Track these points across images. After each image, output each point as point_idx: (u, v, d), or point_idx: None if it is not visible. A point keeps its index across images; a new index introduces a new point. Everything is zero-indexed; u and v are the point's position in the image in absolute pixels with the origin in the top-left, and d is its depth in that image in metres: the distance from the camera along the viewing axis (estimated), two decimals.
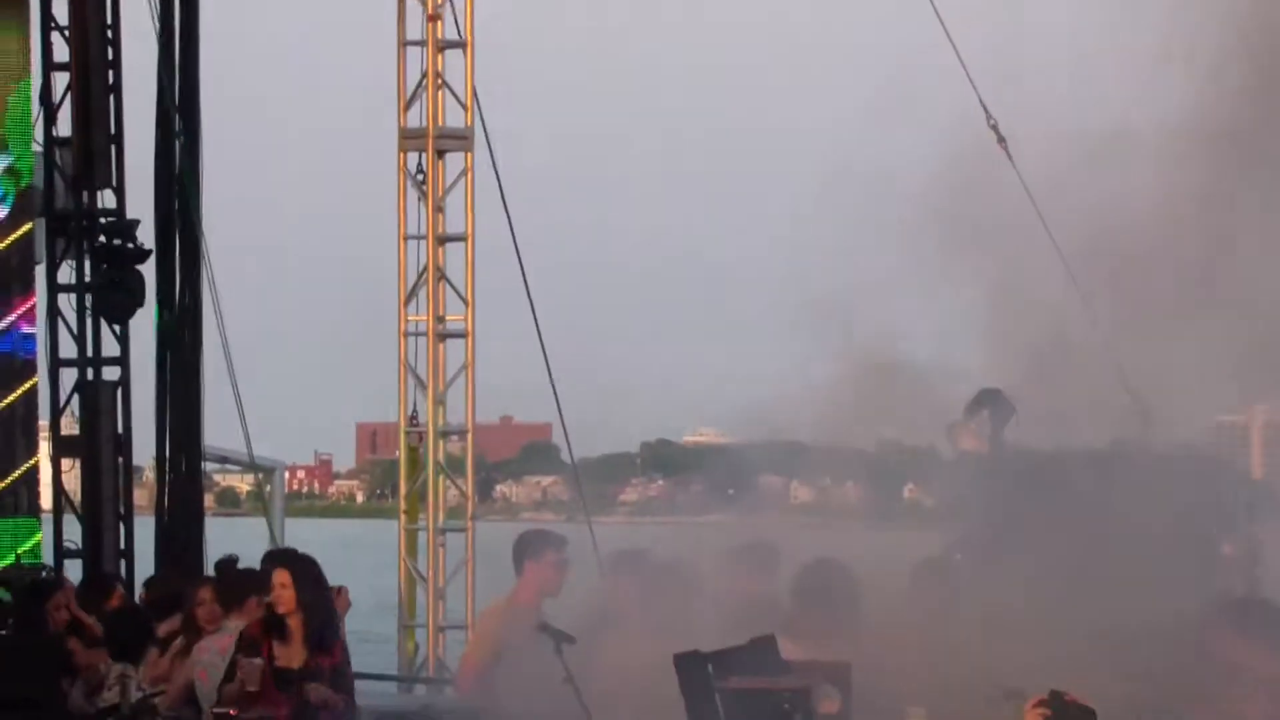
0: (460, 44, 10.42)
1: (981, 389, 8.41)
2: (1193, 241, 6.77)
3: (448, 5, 10.26)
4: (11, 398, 9.86)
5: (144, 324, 9.66)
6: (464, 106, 10.37)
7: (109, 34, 10.17)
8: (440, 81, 10.28)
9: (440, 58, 10.29)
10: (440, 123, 10.25)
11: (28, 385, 9.86)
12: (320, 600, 7.59)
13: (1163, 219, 6.82)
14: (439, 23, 10.04)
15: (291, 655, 7.27)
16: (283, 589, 7.35)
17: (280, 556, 8.18)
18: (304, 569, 7.60)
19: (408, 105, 10.46)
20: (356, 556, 8.96)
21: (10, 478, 9.85)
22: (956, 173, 7.59)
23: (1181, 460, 7.51)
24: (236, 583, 8.18)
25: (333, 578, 7.99)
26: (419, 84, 10.23)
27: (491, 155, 10.07)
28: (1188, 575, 6.24)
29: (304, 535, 9.41)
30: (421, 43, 10.31)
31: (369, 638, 9.62)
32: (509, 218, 10.07)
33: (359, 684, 8.70)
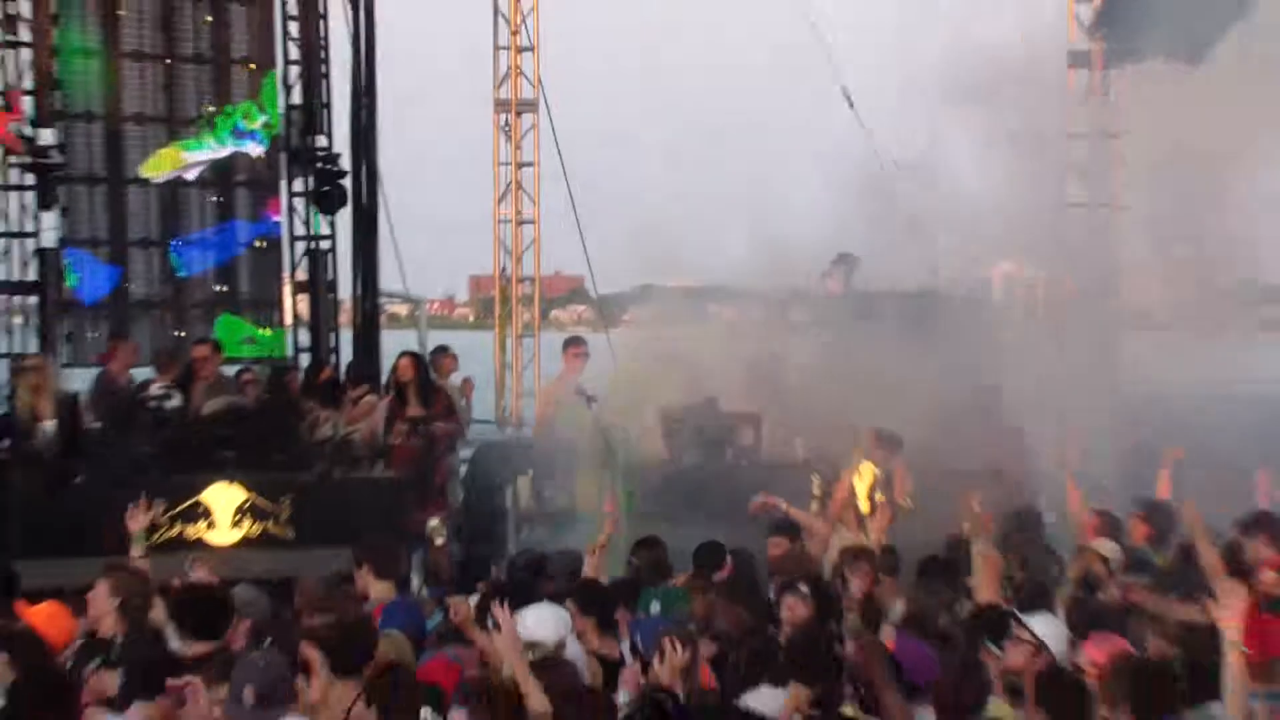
0: (530, 48, 16.07)
1: (839, 252, 12.96)
2: None
3: (523, 23, 16.28)
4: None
5: (344, 215, 13.76)
6: (533, 86, 16.13)
7: (322, 35, 13.87)
8: (518, 71, 16.03)
9: (518, 56, 16.16)
10: (518, 95, 16.24)
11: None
12: (425, 374, 11.62)
13: None
14: (517, 36, 16.16)
15: (414, 408, 11.30)
16: (405, 369, 11.44)
17: (406, 352, 12.06)
18: (418, 360, 11.86)
19: (499, 85, 16.28)
20: (468, 359, 13.66)
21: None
22: None
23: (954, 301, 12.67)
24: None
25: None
26: (505, 74, 16.44)
27: (550, 117, 16.41)
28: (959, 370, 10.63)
29: (437, 340, 14.94)
30: (506, 47, 16.21)
31: (479, 400, 14.93)
32: (559, 153, 16.22)
33: (474, 426, 13.96)
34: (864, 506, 9.58)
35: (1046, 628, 5.74)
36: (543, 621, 5.89)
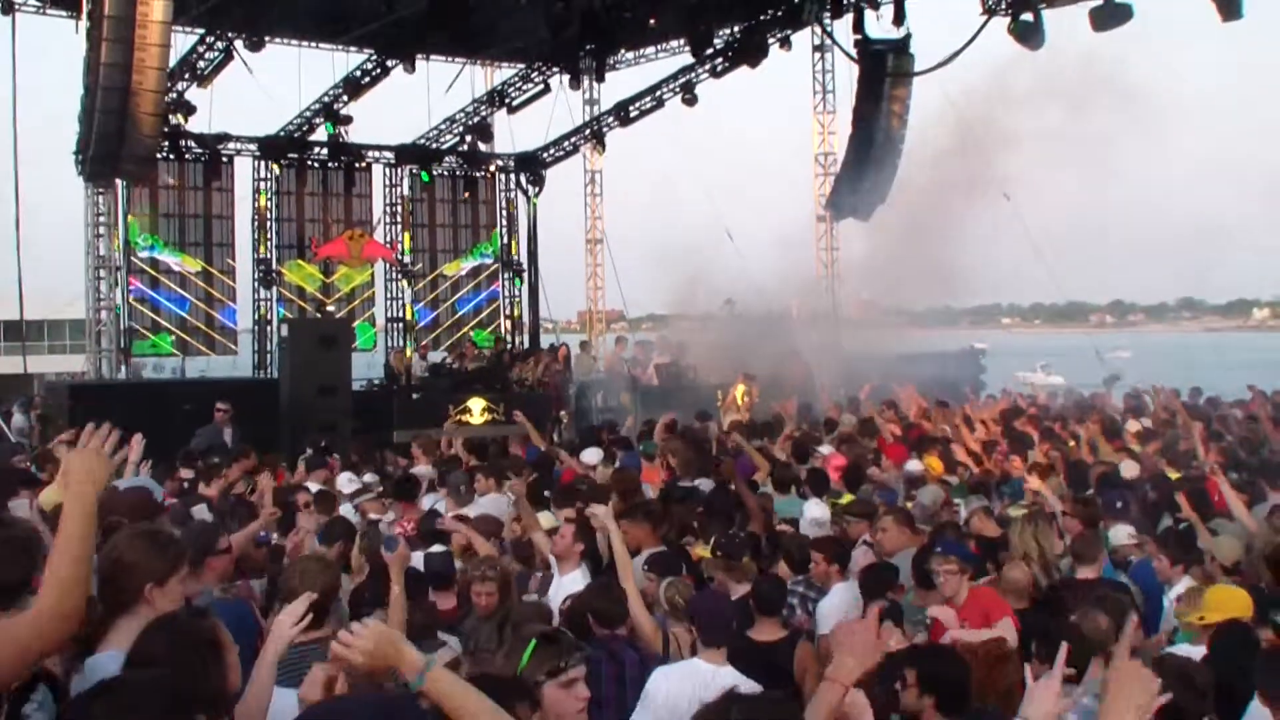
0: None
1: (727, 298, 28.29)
2: None
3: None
4: None
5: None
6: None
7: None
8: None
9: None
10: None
11: None
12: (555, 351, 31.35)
13: None
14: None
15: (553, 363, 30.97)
16: (542, 355, 31.19)
17: (553, 346, 32.26)
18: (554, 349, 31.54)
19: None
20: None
21: None
22: None
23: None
24: None
25: None
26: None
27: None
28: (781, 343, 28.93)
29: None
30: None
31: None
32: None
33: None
34: (740, 403, 22.20)
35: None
36: (591, 454, 13.86)
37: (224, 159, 27.81)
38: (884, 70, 26.08)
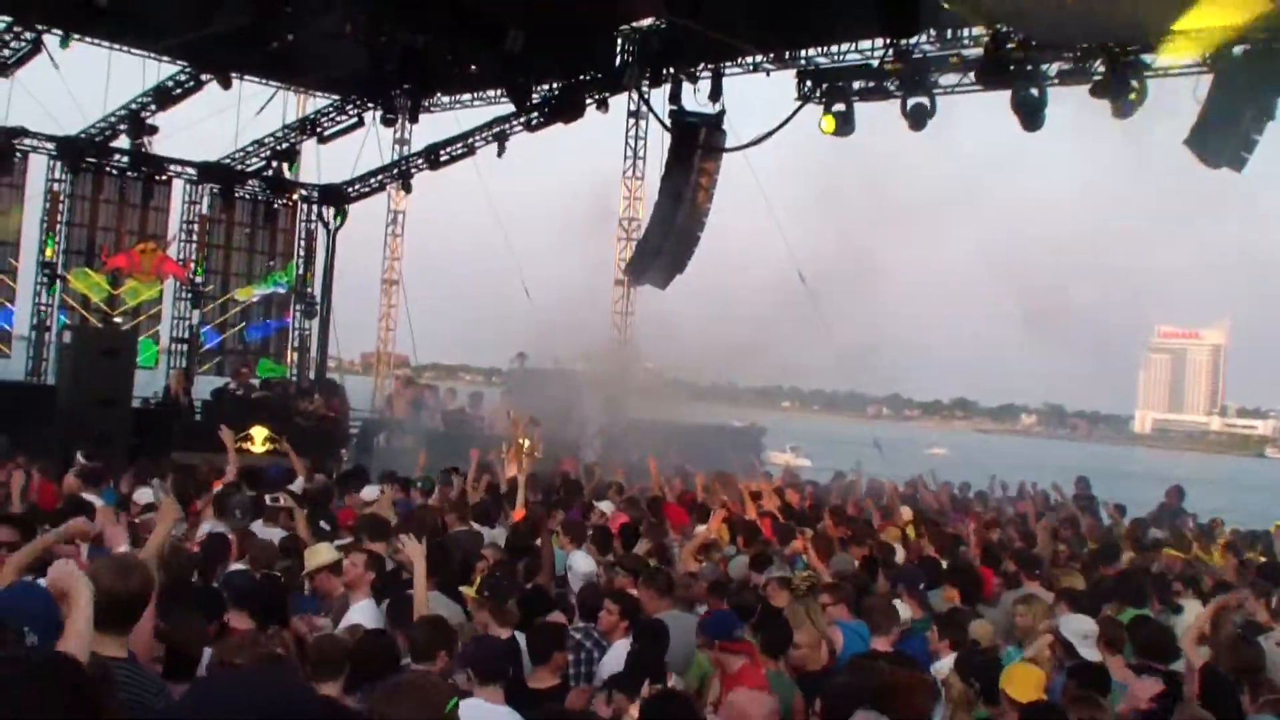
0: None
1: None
2: None
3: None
4: None
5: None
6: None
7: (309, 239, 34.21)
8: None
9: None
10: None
11: None
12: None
13: None
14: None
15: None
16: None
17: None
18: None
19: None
20: None
21: None
22: None
23: None
24: None
25: None
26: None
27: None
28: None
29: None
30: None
31: None
32: None
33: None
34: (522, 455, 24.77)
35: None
36: (369, 492, 20.08)
37: (17, 155, 26.85)
38: (696, 143, 26.67)
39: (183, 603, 6.77)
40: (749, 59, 24.67)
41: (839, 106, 23.28)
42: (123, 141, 28.16)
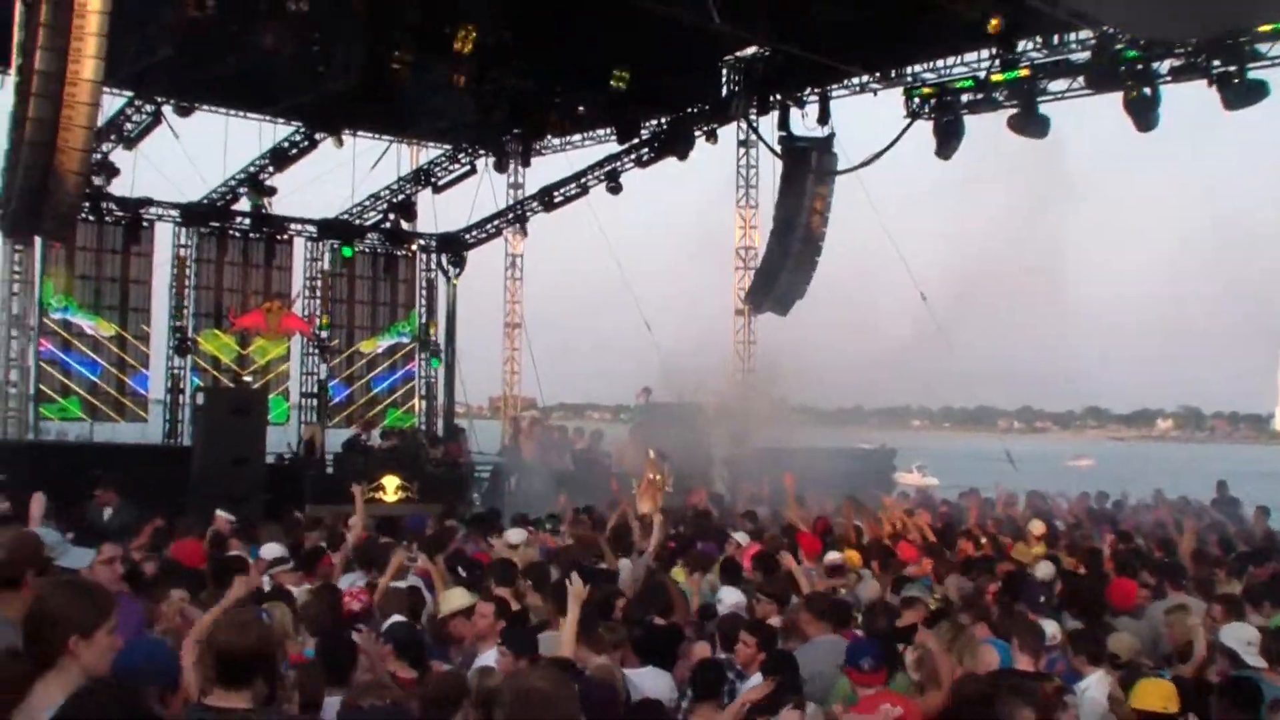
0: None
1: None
2: None
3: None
4: None
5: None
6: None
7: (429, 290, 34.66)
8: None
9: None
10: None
11: None
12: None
13: None
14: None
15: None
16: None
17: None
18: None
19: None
20: None
21: None
22: None
23: None
24: None
25: None
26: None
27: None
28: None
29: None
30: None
31: None
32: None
33: None
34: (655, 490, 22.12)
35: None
36: (515, 535, 14.45)
37: (144, 223, 27.55)
38: (807, 168, 26.47)
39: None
40: (855, 80, 24.49)
41: (948, 119, 22.88)
42: (243, 204, 28.89)
